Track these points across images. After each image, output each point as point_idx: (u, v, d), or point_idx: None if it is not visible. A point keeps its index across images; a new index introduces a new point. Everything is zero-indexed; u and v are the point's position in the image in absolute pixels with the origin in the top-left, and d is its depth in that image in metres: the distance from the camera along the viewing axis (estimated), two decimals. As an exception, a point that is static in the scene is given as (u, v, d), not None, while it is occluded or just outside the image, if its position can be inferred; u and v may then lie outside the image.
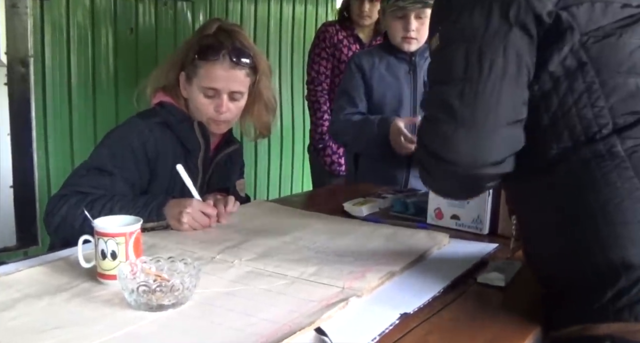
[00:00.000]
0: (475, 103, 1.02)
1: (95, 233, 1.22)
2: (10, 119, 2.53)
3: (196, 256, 1.34)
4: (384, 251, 1.43)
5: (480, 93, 1.01)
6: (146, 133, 1.67)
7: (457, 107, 1.02)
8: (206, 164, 1.79)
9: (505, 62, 1.01)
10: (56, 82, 2.97)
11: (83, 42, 3.05)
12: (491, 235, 1.62)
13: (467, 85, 1.02)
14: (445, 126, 1.04)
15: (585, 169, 0.98)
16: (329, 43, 3.19)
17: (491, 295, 1.23)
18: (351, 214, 1.81)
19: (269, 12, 4.11)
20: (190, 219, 1.54)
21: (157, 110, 1.75)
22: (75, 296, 1.13)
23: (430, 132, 1.09)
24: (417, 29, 2.27)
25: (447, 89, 1.05)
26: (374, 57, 2.39)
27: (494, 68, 1.01)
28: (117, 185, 1.60)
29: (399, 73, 2.36)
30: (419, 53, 2.35)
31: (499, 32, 1.01)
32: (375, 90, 2.36)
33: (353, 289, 1.17)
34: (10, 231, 2.60)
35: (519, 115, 1.04)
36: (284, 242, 1.49)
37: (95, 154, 1.65)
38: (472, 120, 1.02)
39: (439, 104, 1.06)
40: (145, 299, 1.06)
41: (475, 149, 1.03)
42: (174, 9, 3.48)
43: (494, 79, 1.01)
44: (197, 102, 1.73)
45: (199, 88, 1.71)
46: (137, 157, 1.64)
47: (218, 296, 1.14)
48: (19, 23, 2.50)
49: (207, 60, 1.68)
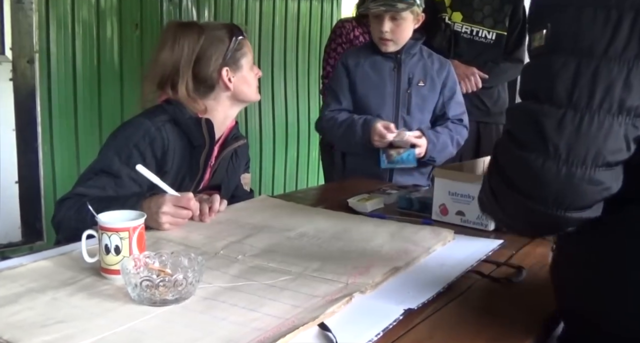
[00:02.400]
0: (577, 137, 0.83)
1: (98, 228, 1.22)
2: (16, 115, 2.54)
3: (200, 251, 1.34)
4: (388, 247, 1.43)
5: (585, 126, 0.83)
6: (153, 132, 1.66)
7: (552, 136, 0.84)
8: (207, 162, 1.79)
9: (626, 91, 0.82)
10: (61, 78, 2.97)
11: (88, 38, 3.06)
12: (496, 232, 1.61)
13: (570, 113, 0.84)
14: (534, 155, 0.86)
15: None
16: (345, 39, 3.18)
17: (496, 292, 1.22)
18: (356, 210, 1.81)
19: (274, 8, 4.11)
20: (169, 218, 1.50)
21: (164, 107, 1.74)
22: (78, 291, 1.13)
23: (513, 156, 0.90)
24: (392, 30, 2.29)
25: (543, 110, 0.86)
26: (359, 56, 2.43)
27: (609, 97, 0.82)
28: (124, 186, 1.60)
29: (383, 70, 2.39)
30: (404, 50, 2.36)
31: (626, 51, 0.82)
32: (359, 87, 2.40)
33: (357, 285, 1.16)
34: (16, 226, 2.61)
35: (624, 155, 0.85)
36: (288, 238, 1.49)
37: (102, 156, 1.66)
38: (568, 156, 0.84)
39: (529, 126, 0.87)
40: (148, 294, 1.06)
41: (564, 189, 0.86)
42: (179, 5, 3.49)
43: (605, 111, 0.83)
44: (249, 79, 1.82)
45: (249, 65, 1.82)
46: (145, 157, 1.64)
47: (222, 291, 1.14)
48: (24, 19, 2.51)
49: (244, 38, 1.81)
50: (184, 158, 1.73)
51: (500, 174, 0.93)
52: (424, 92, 2.40)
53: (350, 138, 2.34)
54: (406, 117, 2.38)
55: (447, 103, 2.45)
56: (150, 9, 3.34)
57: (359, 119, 2.30)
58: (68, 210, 1.56)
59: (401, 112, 2.37)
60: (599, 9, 0.82)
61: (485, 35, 3.01)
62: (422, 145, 2.29)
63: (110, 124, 1.77)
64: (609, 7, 0.82)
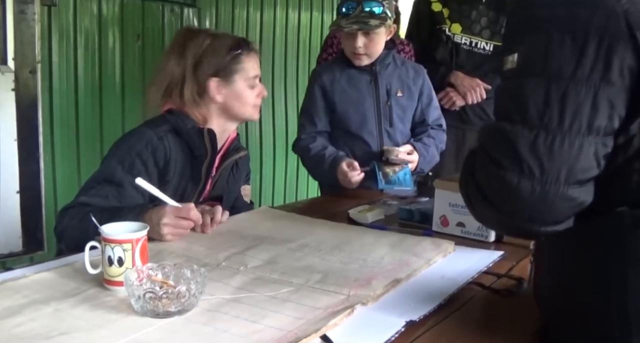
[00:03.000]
0: (549, 157, 0.87)
1: (102, 240, 1.22)
2: (17, 125, 2.54)
3: (202, 263, 1.35)
4: (389, 258, 1.43)
5: (557, 146, 0.87)
6: (155, 141, 1.67)
7: (526, 157, 0.88)
8: (209, 172, 1.79)
9: (594, 112, 0.86)
10: (63, 88, 2.98)
11: (90, 49, 3.07)
12: (497, 243, 1.62)
13: (542, 134, 0.88)
14: (509, 175, 0.90)
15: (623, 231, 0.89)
16: (336, 49, 3.12)
17: (497, 304, 1.23)
18: (356, 221, 1.82)
19: (274, 18, 4.12)
20: (170, 229, 1.50)
21: (166, 117, 1.75)
22: (82, 302, 1.14)
23: (489, 173, 0.94)
24: (366, 45, 2.29)
25: (516, 131, 0.90)
26: (334, 71, 2.40)
27: (578, 119, 0.87)
28: (127, 196, 1.61)
29: (361, 85, 2.37)
30: (379, 61, 2.36)
31: (592, 74, 0.86)
32: (338, 105, 2.37)
33: (359, 297, 1.17)
34: (16, 236, 2.60)
35: (595, 172, 0.90)
36: (290, 249, 1.49)
37: (105, 165, 1.66)
38: (542, 174, 0.88)
39: (504, 146, 0.91)
40: (151, 306, 1.06)
41: (539, 206, 0.89)
42: (181, 15, 3.50)
43: (576, 132, 0.87)
44: (245, 96, 1.80)
45: (245, 80, 1.79)
46: (147, 167, 1.65)
47: (224, 303, 1.14)
48: (27, 29, 2.51)
49: (246, 53, 1.79)
50: (185, 168, 1.74)
51: (477, 187, 0.97)
52: (403, 102, 2.40)
53: (319, 173, 2.34)
54: (389, 130, 2.37)
55: (426, 109, 2.45)
56: (152, 19, 3.35)
57: (329, 156, 2.25)
58: (71, 220, 1.56)
59: (384, 125, 2.36)
60: (566, 33, 0.87)
61: (483, 47, 3.03)
62: (415, 161, 2.30)
63: (111, 134, 1.77)
64: (575, 32, 0.87)
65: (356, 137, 2.36)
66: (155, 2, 3.36)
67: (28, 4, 2.50)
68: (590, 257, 0.92)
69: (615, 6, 0.86)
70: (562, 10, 0.89)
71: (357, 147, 2.36)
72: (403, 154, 2.27)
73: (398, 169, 2.25)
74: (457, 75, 2.94)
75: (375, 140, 2.36)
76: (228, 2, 3.80)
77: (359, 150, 2.36)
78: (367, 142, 2.35)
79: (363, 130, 2.35)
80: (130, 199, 1.61)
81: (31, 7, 2.51)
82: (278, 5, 4.14)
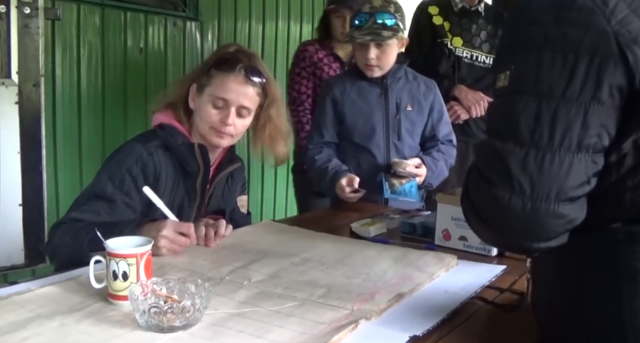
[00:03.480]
0: (540, 174, 0.88)
1: (106, 254, 1.23)
2: (21, 138, 2.55)
3: (206, 277, 1.35)
4: (392, 272, 1.44)
5: (546, 164, 0.88)
6: (145, 157, 1.67)
7: (517, 174, 0.89)
8: (204, 186, 1.79)
9: (584, 130, 0.87)
10: (66, 101, 3.00)
11: (93, 62, 3.09)
12: (499, 257, 1.62)
13: (532, 151, 0.88)
14: (500, 192, 0.90)
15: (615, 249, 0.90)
16: (309, 62, 3.12)
17: (500, 318, 1.23)
18: (359, 235, 1.82)
19: (276, 31, 4.15)
20: (167, 242, 1.50)
21: (157, 132, 1.75)
22: (86, 316, 1.14)
23: (481, 190, 0.95)
24: (378, 56, 2.30)
25: (507, 148, 0.91)
26: (345, 83, 2.41)
27: (568, 136, 0.87)
28: (118, 211, 1.61)
29: (371, 97, 2.38)
30: (390, 75, 2.37)
31: (583, 93, 0.87)
32: (347, 116, 2.38)
33: (362, 311, 1.17)
34: (19, 249, 2.61)
35: (585, 190, 0.90)
36: (293, 263, 1.50)
37: (96, 181, 1.66)
38: (532, 192, 0.88)
39: (495, 163, 0.92)
40: (156, 320, 1.07)
41: (530, 223, 0.90)
42: (183, 29, 3.52)
43: (566, 149, 0.87)
44: (204, 111, 1.73)
45: (209, 97, 1.73)
46: (137, 182, 1.64)
47: (228, 317, 1.15)
48: (31, 43, 2.53)
49: (223, 71, 1.72)
50: (178, 183, 1.73)
51: (470, 204, 0.98)
52: (413, 116, 2.41)
53: (322, 185, 2.35)
54: (397, 143, 2.38)
55: (437, 125, 2.46)
56: (155, 33, 3.37)
57: (332, 169, 2.28)
58: (63, 236, 1.56)
59: (392, 139, 2.37)
60: (558, 52, 0.88)
61: (483, 60, 3.05)
62: (422, 175, 2.31)
63: (113, 147, 1.78)
64: (566, 51, 0.88)
65: (363, 149, 2.38)
66: (158, 15, 3.39)
67: (32, 18, 2.52)
68: (585, 273, 0.93)
69: (605, 27, 0.87)
70: (553, 29, 0.90)
71: (364, 159, 2.38)
72: (411, 166, 2.28)
73: (405, 181, 2.26)
74: (460, 89, 2.96)
75: (383, 152, 2.37)
76: (230, 15, 3.83)
77: (365, 162, 2.37)
78: (373, 155, 2.37)
79: (371, 143, 2.37)
80: (121, 215, 1.61)
81: (35, 21, 2.53)
82: (280, 19, 4.17)
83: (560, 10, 0.90)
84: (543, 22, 0.91)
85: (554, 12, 0.90)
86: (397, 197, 2.26)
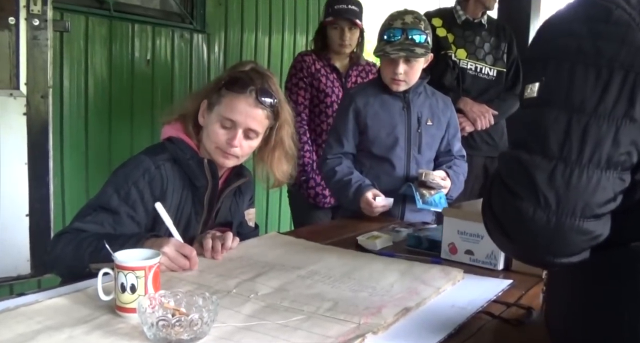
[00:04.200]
0: (566, 189, 0.86)
1: (115, 267, 1.24)
2: (28, 148, 2.57)
3: (213, 290, 1.35)
4: (399, 286, 1.44)
5: (574, 179, 0.86)
6: (152, 171, 1.67)
7: (543, 187, 0.87)
8: (212, 201, 1.79)
9: (614, 147, 0.86)
10: (73, 113, 3.02)
11: (100, 74, 3.11)
12: (505, 271, 1.62)
13: (561, 166, 0.87)
14: (525, 205, 0.89)
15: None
16: (306, 73, 3.10)
17: (507, 333, 1.23)
18: (365, 248, 1.82)
19: (282, 43, 4.18)
20: (166, 260, 1.47)
21: (165, 145, 1.75)
22: (95, 329, 1.14)
23: (505, 203, 0.93)
24: (406, 72, 2.33)
25: (534, 161, 0.89)
26: (368, 95, 2.43)
27: (597, 153, 0.86)
28: (122, 224, 1.61)
29: (394, 110, 2.41)
30: (412, 90, 2.40)
31: (615, 109, 0.85)
32: (370, 127, 2.40)
33: (369, 325, 1.18)
34: (25, 259, 2.62)
35: (611, 207, 0.89)
36: (299, 276, 1.50)
37: (101, 193, 1.66)
38: (558, 207, 0.87)
39: (520, 176, 0.90)
40: (164, 333, 1.07)
41: (553, 238, 0.88)
42: (190, 41, 3.55)
43: (595, 166, 0.86)
44: (212, 130, 1.73)
45: (218, 116, 1.72)
46: (143, 196, 1.64)
47: (235, 331, 1.15)
48: (39, 55, 2.55)
49: (234, 91, 1.70)
50: (186, 197, 1.73)
51: (493, 216, 0.96)
52: (432, 130, 2.45)
53: (343, 197, 2.38)
54: (417, 156, 2.41)
55: (452, 140, 2.50)
56: (162, 45, 3.40)
57: (355, 182, 2.30)
58: (65, 247, 1.54)
59: (412, 152, 2.40)
60: (591, 66, 0.86)
61: (487, 72, 3.07)
62: (448, 187, 2.34)
63: (119, 158, 1.79)
64: (600, 66, 0.86)
65: (384, 160, 2.40)
66: (165, 28, 3.41)
67: (41, 30, 2.54)
68: (604, 290, 0.93)
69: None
70: (588, 42, 0.88)
71: (383, 171, 2.40)
72: (439, 178, 2.31)
73: (434, 192, 2.28)
74: (465, 102, 2.97)
75: (403, 165, 2.39)
76: (237, 27, 3.85)
77: (384, 174, 2.39)
78: (394, 167, 2.39)
79: (392, 154, 2.39)
80: (125, 227, 1.61)
81: (44, 33, 2.55)
82: (286, 31, 4.20)
83: (596, 23, 0.88)
84: (578, 34, 0.89)
85: (590, 24, 0.89)
86: (429, 207, 2.28)
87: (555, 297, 1.07)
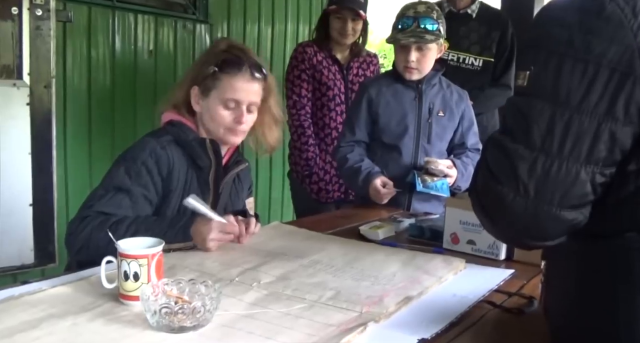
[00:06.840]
0: (546, 180, 0.89)
1: (118, 255, 1.24)
2: (32, 139, 2.57)
3: (215, 278, 1.36)
4: (401, 275, 1.45)
5: (554, 171, 0.89)
6: (158, 150, 1.69)
7: (523, 176, 0.90)
8: (217, 181, 1.81)
9: (595, 143, 0.88)
10: (76, 103, 3.02)
11: (103, 64, 3.11)
12: (507, 261, 1.63)
13: (542, 157, 0.89)
14: (505, 190, 0.92)
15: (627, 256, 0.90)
16: (308, 64, 3.05)
17: (508, 322, 1.24)
18: (367, 238, 1.83)
19: (285, 32, 4.16)
20: (215, 243, 1.60)
21: (167, 128, 1.78)
22: (98, 316, 1.15)
23: (487, 185, 0.96)
24: (418, 59, 2.35)
25: (517, 150, 0.92)
26: (381, 84, 2.47)
27: (578, 147, 0.88)
28: (138, 204, 1.63)
29: (405, 100, 2.43)
30: (425, 80, 2.41)
31: (598, 106, 0.87)
32: (381, 116, 2.43)
33: (371, 314, 1.18)
34: (29, 249, 2.62)
35: (590, 198, 0.91)
36: (302, 265, 1.51)
37: (112, 174, 1.67)
38: (536, 196, 0.90)
39: (503, 162, 0.93)
40: (167, 321, 1.08)
41: (531, 224, 0.92)
42: (193, 31, 3.54)
43: (574, 160, 0.88)
44: (216, 114, 1.77)
45: (219, 100, 1.76)
46: (152, 175, 1.67)
47: (238, 319, 1.16)
48: (42, 45, 2.55)
49: (229, 73, 1.74)
50: (190, 178, 1.75)
51: (477, 197, 1.00)
52: (444, 122, 2.46)
53: (353, 184, 2.46)
54: (426, 146, 2.42)
55: (466, 133, 2.51)
56: (165, 35, 3.39)
57: (365, 169, 2.35)
58: (95, 231, 1.54)
59: (422, 141, 2.41)
60: (579, 62, 0.88)
61: (472, 62, 3.05)
62: (453, 176, 2.34)
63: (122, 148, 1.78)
64: (587, 62, 0.87)
65: (393, 149, 2.42)
66: (168, 18, 3.41)
67: (44, 21, 2.54)
68: (599, 280, 0.94)
69: (631, 42, 0.86)
70: (578, 36, 0.89)
71: (392, 159, 2.42)
72: (443, 166, 2.31)
73: (437, 179, 2.30)
74: None
75: (411, 154, 2.41)
76: (239, 17, 3.84)
77: (393, 162, 2.41)
78: (402, 155, 2.41)
79: (401, 143, 2.41)
80: (140, 207, 1.64)
81: (47, 24, 2.55)
82: (289, 21, 4.19)
83: (588, 16, 0.89)
84: (569, 24, 0.90)
85: (581, 15, 0.90)
86: (428, 190, 2.29)
87: (553, 286, 1.08)
